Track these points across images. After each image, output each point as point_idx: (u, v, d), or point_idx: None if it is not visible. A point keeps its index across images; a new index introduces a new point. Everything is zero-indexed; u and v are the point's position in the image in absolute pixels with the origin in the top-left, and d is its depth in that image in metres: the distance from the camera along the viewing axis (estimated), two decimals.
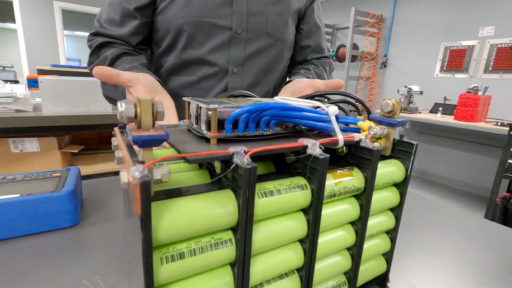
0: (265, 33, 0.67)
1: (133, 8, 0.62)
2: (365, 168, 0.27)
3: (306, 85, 0.57)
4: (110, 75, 0.43)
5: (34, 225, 0.41)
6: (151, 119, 0.17)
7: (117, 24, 0.63)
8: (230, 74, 0.67)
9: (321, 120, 0.25)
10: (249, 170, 0.18)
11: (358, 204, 0.27)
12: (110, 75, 0.43)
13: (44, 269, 0.34)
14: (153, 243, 0.17)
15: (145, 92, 0.47)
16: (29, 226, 0.40)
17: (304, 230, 0.24)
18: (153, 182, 0.18)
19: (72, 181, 0.46)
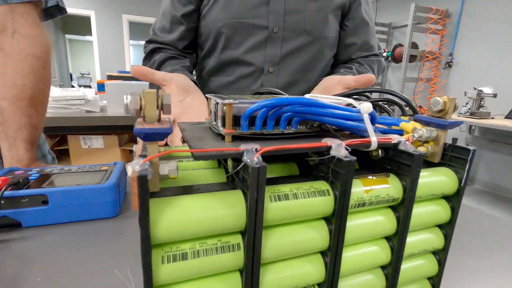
0: (303, 31, 0.65)
1: (180, 15, 0.66)
2: (404, 176, 0.23)
3: (336, 81, 0.53)
4: (145, 74, 0.46)
5: (80, 213, 0.44)
6: (155, 111, 0.16)
7: (167, 31, 0.68)
8: (266, 73, 0.66)
9: (351, 119, 0.22)
10: (258, 169, 0.17)
11: (395, 217, 0.24)
12: (145, 74, 0.46)
13: (81, 254, 0.36)
14: (153, 241, 0.16)
15: (177, 91, 0.48)
16: (76, 213, 0.44)
17: (325, 241, 0.21)
18: (158, 177, 0.17)
19: (116, 175, 0.49)
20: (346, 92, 0.35)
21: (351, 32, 0.71)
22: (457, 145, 0.26)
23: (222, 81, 0.70)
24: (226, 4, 0.63)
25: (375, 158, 0.25)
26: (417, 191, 0.24)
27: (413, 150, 0.22)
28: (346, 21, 0.70)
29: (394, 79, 4.02)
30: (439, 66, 3.47)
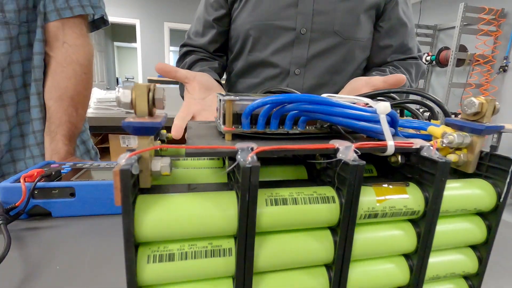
0: (332, 32, 0.62)
1: (212, 19, 0.68)
2: (426, 186, 0.20)
3: (364, 82, 0.50)
4: (169, 71, 0.47)
5: (104, 206, 0.46)
6: (146, 105, 0.16)
7: (200, 35, 0.71)
8: (292, 75, 0.65)
9: (364, 119, 0.20)
10: (249, 169, 0.15)
11: (415, 232, 0.21)
12: (169, 71, 0.47)
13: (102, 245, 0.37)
14: (139, 239, 0.16)
15: (199, 89, 0.49)
16: (101, 207, 0.46)
17: (329, 253, 0.19)
18: (150, 173, 0.17)
19: None
20: (370, 92, 0.32)
21: (386, 33, 0.67)
22: (496, 153, 0.22)
23: (249, 83, 0.70)
24: (254, 7, 0.63)
25: (394, 165, 0.22)
26: (444, 205, 0.21)
27: (438, 156, 0.19)
28: (381, 22, 0.67)
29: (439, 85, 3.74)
30: (491, 71, 3.15)
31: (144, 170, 0.17)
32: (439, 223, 0.21)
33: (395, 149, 0.20)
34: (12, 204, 0.41)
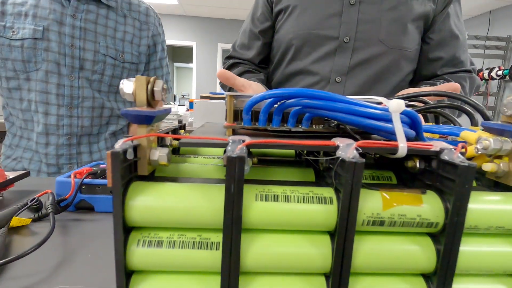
0: (376, 41, 0.60)
1: (258, 31, 0.71)
2: (447, 194, 0.17)
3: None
4: (228, 78, 0.51)
5: None
6: (144, 96, 0.17)
7: (246, 47, 0.74)
8: (332, 83, 0.64)
9: (373, 117, 0.18)
10: (235, 159, 0.15)
11: (434, 249, 0.18)
12: (228, 78, 0.51)
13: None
14: (129, 222, 0.16)
15: None
16: None
17: (326, 260, 0.17)
18: (147, 161, 0.18)
19: None
20: (399, 95, 0.30)
21: (437, 45, 0.62)
22: None
23: None
24: (298, 17, 0.65)
25: (412, 170, 0.20)
26: (472, 219, 0.18)
27: (461, 160, 0.16)
28: (430, 34, 0.63)
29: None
30: None
31: (142, 158, 0.18)
32: (469, 242, 0.18)
33: (408, 150, 0.18)
34: (63, 196, 0.47)
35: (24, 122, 0.75)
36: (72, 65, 0.71)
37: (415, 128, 0.21)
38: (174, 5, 4.11)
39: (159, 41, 0.84)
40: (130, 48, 0.77)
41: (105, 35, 0.73)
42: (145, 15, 0.80)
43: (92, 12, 0.72)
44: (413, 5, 0.60)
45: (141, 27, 0.79)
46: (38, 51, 0.69)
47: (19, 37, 0.67)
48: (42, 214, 0.43)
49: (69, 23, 0.69)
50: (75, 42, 0.70)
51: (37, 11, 0.68)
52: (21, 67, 0.70)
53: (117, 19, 0.76)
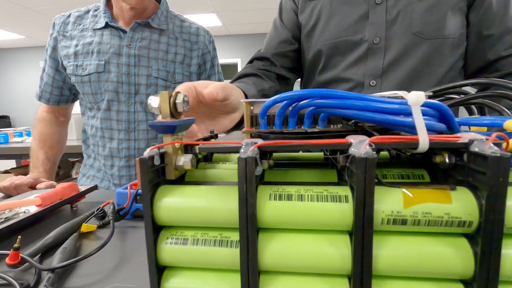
0: (409, 35, 0.56)
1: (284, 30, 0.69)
2: (481, 190, 0.16)
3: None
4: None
5: None
6: (168, 108, 0.19)
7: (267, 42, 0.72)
8: (367, 87, 0.61)
9: (390, 112, 0.18)
10: (245, 160, 0.16)
11: (472, 252, 0.16)
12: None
13: None
14: (158, 221, 0.18)
15: None
16: None
17: (346, 261, 0.17)
18: (174, 167, 0.20)
19: None
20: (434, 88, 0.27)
21: (486, 21, 0.55)
22: None
23: None
24: (324, 28, 0.63)
25: (442, 166, 0.18)
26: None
27: (493, 151, 0.15)
28: (474, 10, 0.56)
29: None
30: None
31: (168, 163, 0.20)
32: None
33: (431, 144, 0.16)
34: (122, 206, 0.53)
35: (94, 146, 0.86)
36: (129, 91, 0.78)
37: (445, 120, 0.19)
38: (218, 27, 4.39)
39: (208, 59, 0.87)
40: (181, 69, 0.82)
41: (156, 58, 0.79)
42: (196, 35, 0.84)
43: (145, 39, 0.78)
44: None
45: (191, 47, 0.83)
46: (101, 83, 0.77)
47: (86, 73, 0.77)
48: (105, 222, 0.49)
49: (125, 53, 0.77)
50: (130, 69, 0.78)
51: (100, 47, 0.77)
52: (92, 99, 0.80)
53: (168, 41, 0.81)
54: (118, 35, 0.78)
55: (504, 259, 0.15)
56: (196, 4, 3.45)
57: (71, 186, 0.58)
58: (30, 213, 0.47)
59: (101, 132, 0.81)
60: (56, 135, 0.88)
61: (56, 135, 0.88)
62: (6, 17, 3.58)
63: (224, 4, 3.50)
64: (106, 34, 0.78)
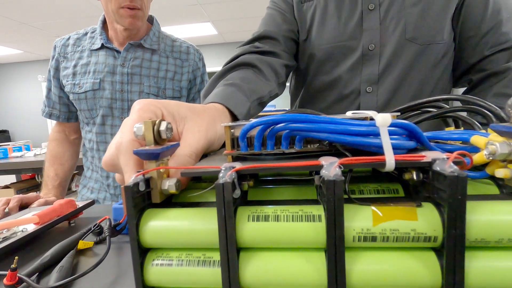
0: (404, 41, 0.57)
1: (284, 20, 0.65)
2: (443, 206, 0.17)
3: None
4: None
5: None
6: (151, 136, 0.20)
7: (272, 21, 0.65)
8: (363, 93, 0.62)
9: (356, 134, 0.19)
10: (222, 185, 0.17)
11: (439, 265, 0.17)
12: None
13: None
14: (144, 244, 0.19)
15: None
16: None
17: (322, 277, 0.18)
18: (159, 191, 0.21)
19: None
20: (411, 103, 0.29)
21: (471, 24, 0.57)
22: None
23: (316, 108, 0.70)
24: (318, 32, 0.64)
25: (412, 183, 0.19)
26: (481, 232, 0.16)
27: (452, 170, 0.16)
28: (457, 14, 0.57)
29: None
30: None
31: (154, 188, 0.21)
32: (479, 256, 0.17)
33: (397, 164, 0.18)
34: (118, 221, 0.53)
35: (92, 158, 0.89)
36: (122, 107, 0.83)
37: (415, 138, 0.21)
38: (214, 35, 4.43)
39: (198, 74, 0.92)
40: (172, 85, 0.87)
41: (148, 76, 0.84)
42: (186, 53, 0.90)
43: (138, 58, 0.84)
44: None
45: (182, 64, 0.89)
46: (96, 99, 0.83)
47: (82, 90, 0.83)
48: (102, 238, 0.50)
49: (119, 72, 0.82)
50: (124, 87, 0.83)
51: (96, 67, 0.82)
52: (88, 114, 0.85)
53: (160, 60, 0.86)
54: (112, 55, 0.83)
55: (468, 271, 0.16)
56: (191, 13, 3.50)
57: (69, 203, 0.59)
58: (28, 232, 0.48)
59: (96, 145, 0.86)
60: (66, 153, 0.91)
61: (67, 153, 0.91)
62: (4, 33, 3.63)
63: (219, 13, 3.55)
64: (102, 54, 0.83)
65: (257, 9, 3.48)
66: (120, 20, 0.77)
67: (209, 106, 0.33)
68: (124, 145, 0.22)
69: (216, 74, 0.52)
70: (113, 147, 0.23)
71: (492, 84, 0.57)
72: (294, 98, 0.76)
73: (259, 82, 0.51)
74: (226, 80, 0.47)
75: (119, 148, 0.23)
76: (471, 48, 0.58)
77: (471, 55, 0.59)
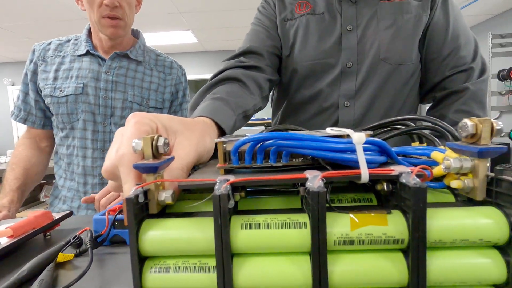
0: (378, 60, 0.63)
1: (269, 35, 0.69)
2: (408, 213, 0.20)
3: None
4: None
5: None
6: (150, 151, 0.22)
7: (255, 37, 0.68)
8: (341, 107, 0.66)
9: (337, 150, 0.22)
10: (218, 197, 0.19)
11: (404, 264, 0.20)
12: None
13: None
14: (143, 252, 0.21)
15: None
16: None
17: (307, 278, 0.20)
18: (156, 202, 0.22)
19: None
20: (381, 121, 0.32)
21: (429, 47, 0.64)
22: (502, 177, 0.20)
23: (297, 119, 0.73)
24: (300, 49, 0.68)
25: (383, 193, 0.22)
26: (439, 235, 0.20)
27: (414, 182, 0.19)
28: (427, 39, 0.64)
29: None
30: None
31: (151, 199, 0.22)
32: (438, 255, 0.20)
33: (371, 176, 0.20)
34: (100, 232, 0.53)
35: (67, 165, 0.86)
36: (105, 113, 0.83)
37: (385, 153, 0.24)
38: (193, 44, 4.44)
39: (180, 88, 0.95)
40: (155, 96, 0.88)
41: (133, 85, 0.85)
42: (170, 68, 0.93)
43: (123, 67, 0.85)
44: (408, 19, 0.62)
45: (165, 78, 0.91)
46: (78, 104, 0.82)
47: (63, 94, 0.82)
48: (82, 250, 0.49)
49: (104, 79, 0.83)
50: (107, 94, 0.83)
51: (79, 72, 0.83)
52: (67, 119, 0.83)
53: (144, 71, 0.88)
54: (97, 62, 0.85)
55: (429, 268, 0.19)
56: (172, 21, 3.50)
57: (45, 214, 0.57)
58: (1, 245, 0.46)
59: (76, 150, 0.84)
60: (33, 158, 0.87)
61: (34, 159, 0.87)
62: None
63: (199, 22, 3.58)
64: (86, 60, 0.84)
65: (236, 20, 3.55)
66: (102, 29, 0.79)
67: (198, 120, 0.35)
68: (125, 158, 0.24)
69: (203, 87, 0.54)
70: (113, 157, 0.25)
71: (453, 101, 0.63)
72: (276, 110, 0.80)
73: (244, 96, 0.54)
74: (213, 94, 0.49)
75: (120, 160, 0.24)
76: (434, 68, 0.65)
77: (435, 75, 0.65)
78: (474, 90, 0.62)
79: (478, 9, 3.40)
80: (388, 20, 0.63)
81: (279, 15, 0.69)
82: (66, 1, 2.76)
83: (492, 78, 3.11)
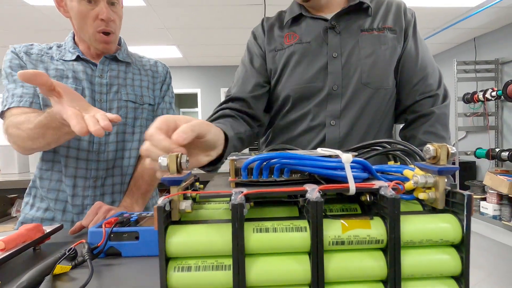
0: (360, 84, 0.70)
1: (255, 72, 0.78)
2: (386, 219, 0.25)
3: None
4: None
5: None
6: (175, 166, 0.26)
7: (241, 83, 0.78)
8: (328, 126, 0.72)
9: (330, 168, 0.27)
10: (236, 206, 0.23)
11: (384, 260, 0.25)
12: None
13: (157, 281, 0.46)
14: (169, 254, 0.24)
15: None
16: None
17: (307, 274, 0.24)
18: (178, 210, 0.26)
19: None
20: (363, 143, 0.38)
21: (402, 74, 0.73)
22: (454, 190, 0.26)
23: (286, 137, 0.79)
24: (290, 75, 0.75)
25: (366, 203, 0.27)
26: (407, 236, 0.25)
27: (390, 194, 0.24)
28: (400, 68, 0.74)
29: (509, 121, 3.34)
30: None
31: (174, 208, 0.26)
32: (410, 253, 0.25)
33: (357, 189, 0.25)
34: (95, 244, 0.54)
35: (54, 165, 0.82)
36: None
37: (367, 170, 0.29)
38: (178, 58, 4.48)
39: (165, 83, 0.99)
40: (147, 92, 0.91)
41: (125, 85, 0.88)
42: (155, 67, 0.97)
43: (114, 70, 0.88)
44: (385, 49, 0.71)
45: (153, 75, 0.95)
46: None
47: None
48: (79, 262, 0.50)
49: (98, 82, 0.85)
50: (102, 96, 0.85)
51: (75, 74, 0.83)
52: None
53: (133, 71, 0.91)
54: (89, 67, 0.85)
55: (403, 263, 0.24)
56: (157, 36, 3.53)
57: (36, 227, 0.58)
58: None
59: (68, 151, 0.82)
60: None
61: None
62: None
63: (184, 37, 3.64)
64: (78, 65, 0.84)
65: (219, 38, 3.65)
66: (95, 43, 0.81)
67: None
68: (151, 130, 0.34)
69: None
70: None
71: (422, 123, 0.72)
72: (267, 128, 0.85)
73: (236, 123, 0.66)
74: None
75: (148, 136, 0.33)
76: (406, 93, 0.74)
77: (406, 99, 0.74)
78: (439, 114, 0.71)
79: (444, 38, 3.74)
80: (368, 49, 0.71)
81: (268, 46, 0.78)
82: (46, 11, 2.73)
83: (458, 100, 3.39)
